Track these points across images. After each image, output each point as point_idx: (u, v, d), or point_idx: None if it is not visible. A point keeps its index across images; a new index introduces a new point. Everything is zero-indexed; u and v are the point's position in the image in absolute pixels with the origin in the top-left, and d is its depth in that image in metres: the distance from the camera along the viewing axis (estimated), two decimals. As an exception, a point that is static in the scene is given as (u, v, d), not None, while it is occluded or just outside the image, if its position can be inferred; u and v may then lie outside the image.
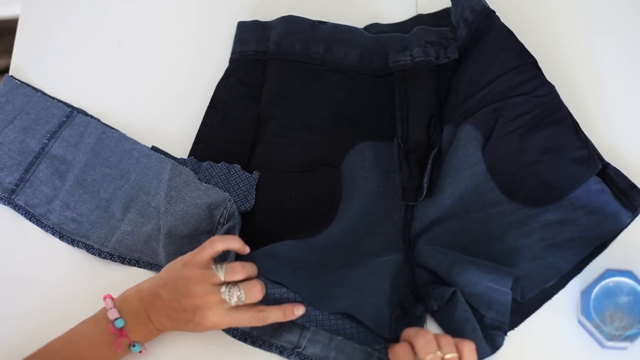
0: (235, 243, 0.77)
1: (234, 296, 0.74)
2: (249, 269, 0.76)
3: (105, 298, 0.76)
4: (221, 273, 0.74)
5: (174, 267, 0.77)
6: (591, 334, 0.77)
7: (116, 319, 0.75)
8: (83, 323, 0.76)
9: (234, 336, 0.79)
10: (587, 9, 0.97)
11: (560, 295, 0.80)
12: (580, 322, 0.78)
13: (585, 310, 0.75)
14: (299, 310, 0.75)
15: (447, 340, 0.70)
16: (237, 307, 0.74)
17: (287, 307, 0.75)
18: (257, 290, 0.74)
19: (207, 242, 0.76)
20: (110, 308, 0.75)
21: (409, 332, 0.72)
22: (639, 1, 0.96)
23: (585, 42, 0.94)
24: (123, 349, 0.75)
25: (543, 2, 0.98)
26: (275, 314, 0.75)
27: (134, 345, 0.75)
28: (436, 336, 0.70)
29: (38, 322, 0.82)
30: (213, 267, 0.75)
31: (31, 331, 0.82)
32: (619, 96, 0.90)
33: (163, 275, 0.77)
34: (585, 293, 0.76)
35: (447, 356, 0.69)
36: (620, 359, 0.76)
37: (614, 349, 0.76)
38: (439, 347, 0.69)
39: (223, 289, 0.74)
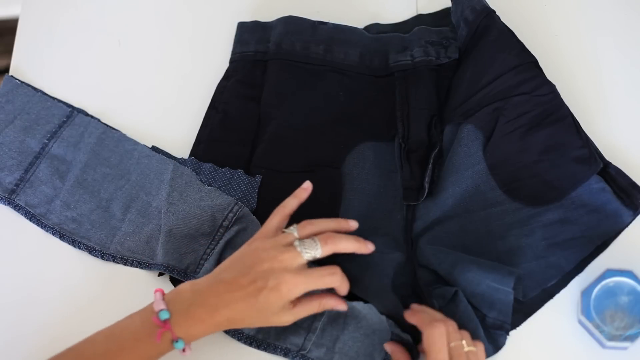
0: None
1: (308, 246, 0.71)
2: (322, 223, 0.74)
3: (155, 292, 0.72)
4: (293, 230, 0.72)
5: (236, 252, 0.73)
6: (591, 334, 0.77)
7: (161, 310, 0.69)
8: (130, 316, 0.72)
9: (239, 339, 0.79)
10: (587, 9, 0.97)
11: (561, 295, 0.80)
12: (580, 322, 0.78)
13: (585, 310, 0.75)
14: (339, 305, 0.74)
15: (468, 335, 0.72)
16: (311, 268, 0.71)
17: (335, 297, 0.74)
18: (331, 238, 0.72)
19: (274, 211, 0.74)
20: (158, 300, 0.71)
21: (434, 315, 0.73)
22: (639, 1, 0.96)
23: (585, 42, 0.94)
24: (164, 343, 0.69)
25: (543, 2, 0.98)
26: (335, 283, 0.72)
27: (176, 341, 0.69)
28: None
29: (38, 322, 0.82)
30: (284, 230, 0.72)
31: (31, 331, 0.82)
32: (620, 95, 0.90)
33: (224, 262, 0.73)
34: (586, 293, 0.76)
35: (467, 349, 0.70)
36: (620, 359, 0.76)
37: (614, 349, 0.76)
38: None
39: (297, 242, 0.71)
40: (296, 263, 0.71)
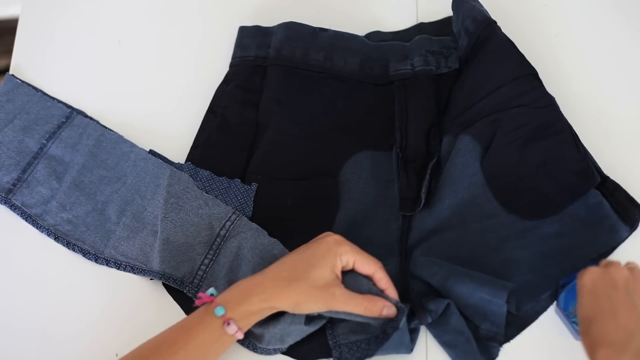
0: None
1: None
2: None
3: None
4: None
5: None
6: (566, 324, 0.77)
7: (210, 289, 0.75)
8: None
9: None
10: (587, 9, 0.96)
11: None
12: (556, 312, 0.78)
13: (561, 301, 0.76)
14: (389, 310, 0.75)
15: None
16: None
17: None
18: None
19: None
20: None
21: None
22: (639, 1, 0.96)
23: (586, 42, 0.94)
24: (210, 319, 0.72)
25: (543, 2, 0.98)
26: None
27: (216, 307, 0.72)
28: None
29: (37, 322, 0.82)
30: None
31: (30, 331, 0.82)
32: (620, 95, 0.90)
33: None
34: (563, 284, 0.77)
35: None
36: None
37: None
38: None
39: None
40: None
